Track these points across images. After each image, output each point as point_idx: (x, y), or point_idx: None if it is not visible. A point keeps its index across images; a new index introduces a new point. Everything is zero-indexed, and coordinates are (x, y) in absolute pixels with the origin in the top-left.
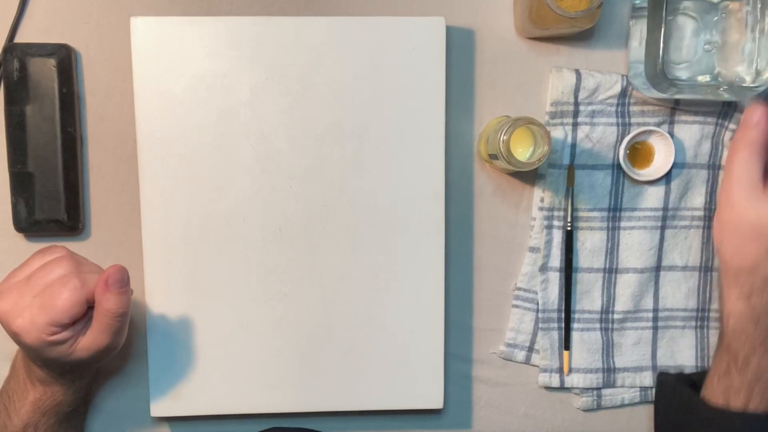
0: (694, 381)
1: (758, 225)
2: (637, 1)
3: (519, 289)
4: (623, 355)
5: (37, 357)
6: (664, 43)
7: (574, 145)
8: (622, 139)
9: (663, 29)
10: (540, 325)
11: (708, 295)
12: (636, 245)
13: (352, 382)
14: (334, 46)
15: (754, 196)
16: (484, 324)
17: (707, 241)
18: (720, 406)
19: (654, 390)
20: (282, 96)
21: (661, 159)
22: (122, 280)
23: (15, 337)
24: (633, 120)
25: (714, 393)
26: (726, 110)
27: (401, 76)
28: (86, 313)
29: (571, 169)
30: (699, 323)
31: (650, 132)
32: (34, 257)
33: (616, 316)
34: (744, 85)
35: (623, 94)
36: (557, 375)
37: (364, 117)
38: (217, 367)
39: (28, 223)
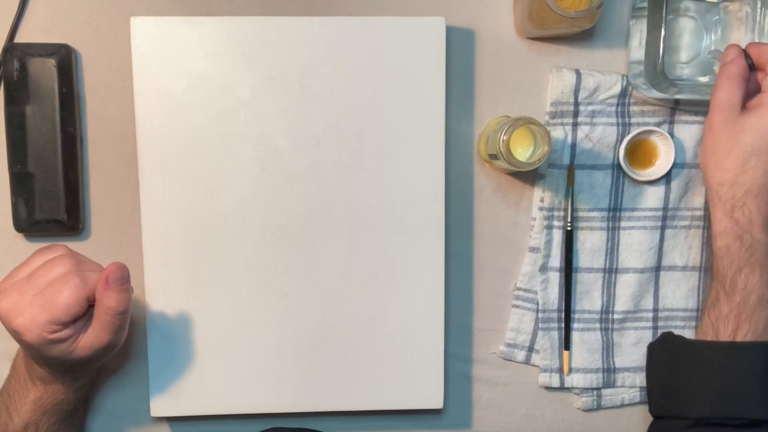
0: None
1: (733, 140)
2: (637, 1)
3: (519, 289)
4: (623, 355)
5: (38, 355)
6: (664, 43)
7: (574, 145)
8: (622, 139)
9: (663, 29)
10: (540, 325)
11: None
12: (636, 245)
13: (352, 382)
14: (334, 46)
15: (731, 118)
16: (484, 324)
17: (707, 241)
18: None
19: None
20: (282, 96)
21: (661, 159)
22: (123, 278)
23: (16, 335)
24: (633, 120)
25: (704, 329)
26: None
27: (401, 76)
28: (87, 311)
29: (571, 169)
30: (699, 323)
31: (650, 132)
32: (34, 256)
33: (616, 316)
34: None
35: (623, 94)
36: (557, 375)
37: (364, 117)
38: (217, 366)
39: (28, 223)
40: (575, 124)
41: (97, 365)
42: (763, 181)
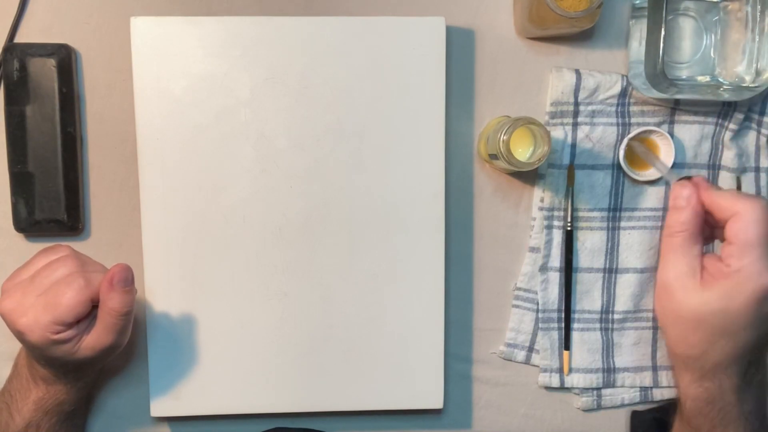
0: (665, 421)
1: (698, 315)
2: (637, 1)
3: (519, 289)
4: (623, 355)
5: (41, 356)
6: (664, 43)
7: (574, 145)
8: (622, 139)
9: (663, 29)
10: (540, 325)
11: None
12: (636, 245)
13: (352, 382)
14: (334, 46)
15: (691, 286)
16: (484, 324)
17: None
18: None
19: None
20: (282, 96)
21: (662, 159)
22: (127, 279)
23: (19, 335)
24: (633, 120)
25: None
26: (726, 110)
27: (401, 76)
28: (90, 312)
29: (571, 169)
30: None
31: (650, 132)
32: (38, 256)
33: (616, 316)
34: (744, 85)
35: (623, 94)
36: (557, 375)
37: (364, 117)
38: (217, 366)
39: (28, 223)
40: (575, 124)
41: (100, 366)
42: (734, 355)
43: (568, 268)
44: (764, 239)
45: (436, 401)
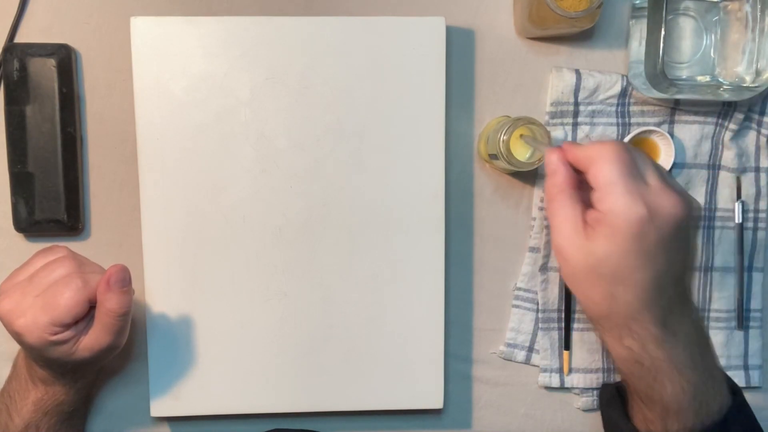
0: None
1: (589, 268)
2: (637, 1)
3: (519, 289)
4: None
5: (39, 357)
6: (664, 43)
7: None
8: (622, 139)
9: (663, 29)
10: (540, 325)
11: (708, 294)
12: None
13: (352, 382)
14: (334, 46)
15: (578, 241)
16: (484, 324)
17: (707, 241)
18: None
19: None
20: (282, 96)
21: (662, 159)
22: (124, 280)
23: (17, 336)
24: (633, 120)
25: (637, 420)
26: (726, 110)
27: (401, 76)
28: (88, 312)
29: None
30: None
31: (650, 132)
32: (35, 257)
33: None
34: (744, 85)
35: (623, 94)
36: (557, 375)
37: (364, 117)
38: (217, 366)
39: (28, 223)
40: (575, 124)
41: (98, 366)
42: (639, 302)
43: None
44: (623, 175)
45: (436, 401)
